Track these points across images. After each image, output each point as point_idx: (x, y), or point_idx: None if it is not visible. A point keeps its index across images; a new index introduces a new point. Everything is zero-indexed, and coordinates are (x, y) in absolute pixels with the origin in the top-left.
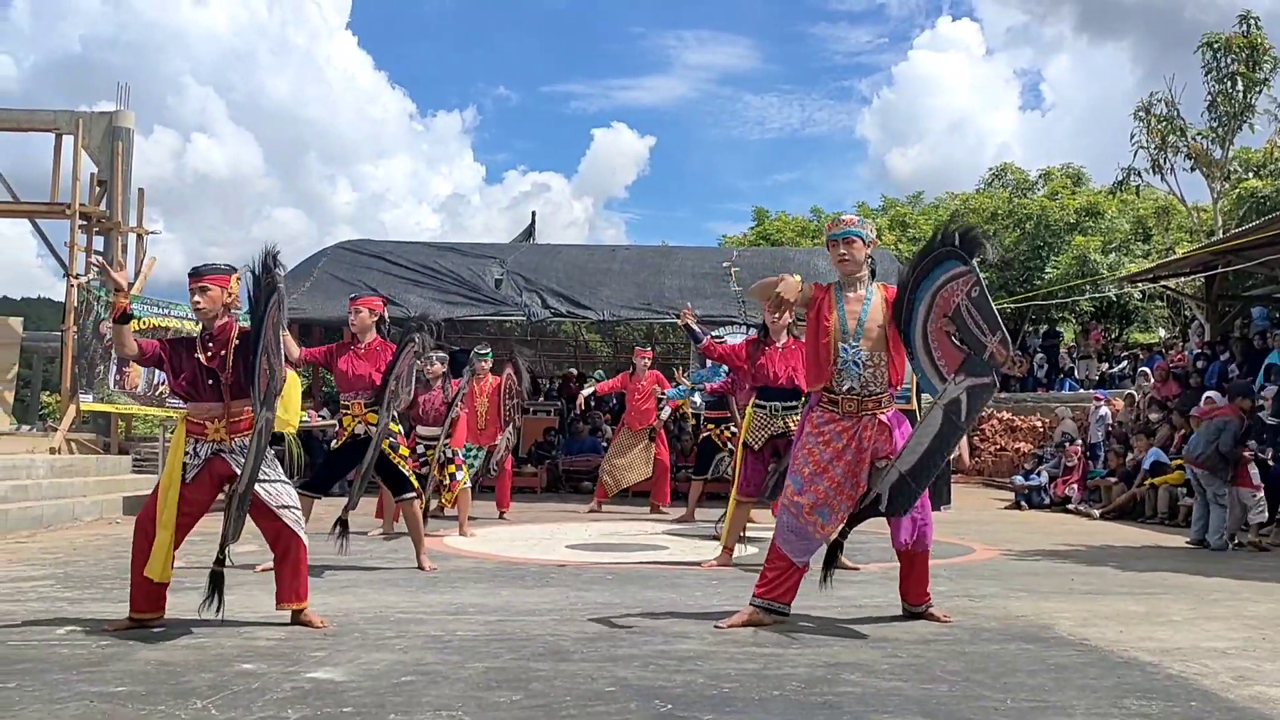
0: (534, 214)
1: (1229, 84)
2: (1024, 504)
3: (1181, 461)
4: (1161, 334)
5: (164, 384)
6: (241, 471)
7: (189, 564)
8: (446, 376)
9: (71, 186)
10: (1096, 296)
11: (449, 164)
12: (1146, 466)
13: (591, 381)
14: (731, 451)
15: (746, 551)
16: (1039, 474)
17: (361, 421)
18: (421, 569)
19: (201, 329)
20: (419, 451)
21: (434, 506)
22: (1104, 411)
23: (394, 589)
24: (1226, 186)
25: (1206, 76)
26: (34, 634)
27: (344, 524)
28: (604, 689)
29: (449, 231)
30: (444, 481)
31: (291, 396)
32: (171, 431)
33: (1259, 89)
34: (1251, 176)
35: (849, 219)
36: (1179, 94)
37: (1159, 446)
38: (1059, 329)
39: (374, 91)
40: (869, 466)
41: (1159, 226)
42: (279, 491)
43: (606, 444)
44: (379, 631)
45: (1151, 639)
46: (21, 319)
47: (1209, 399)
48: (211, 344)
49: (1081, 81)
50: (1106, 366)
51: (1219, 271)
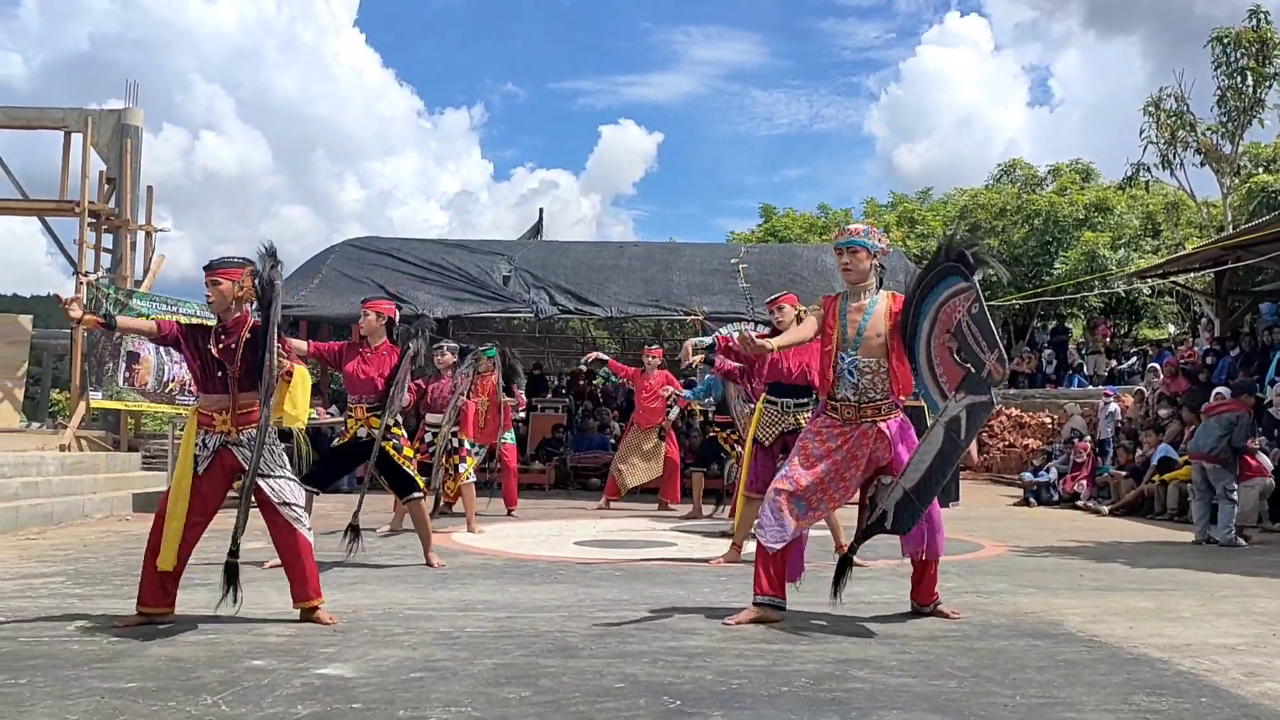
0: (541, 211)
1: (1239, 79)
2: (1033, 500)
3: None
4: (1171, 330)
5: (174, 381)
6: (247, 465)
7: (196, 560)
8: (457, 367)
9: (80, 184)
10: (1106, 292)
11: (457, 161)
12: (1155, 463)
13: (599, 381)
14: (739, 456)
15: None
16: (1048, 470)
17: (364, 425)
18: (430, 566)
19: (217, 320)
20: (427, 439)
21: (442, 503)
22: (1113, 408)
23: (403, 586)
24: (1236, 181)
25: (1216, 71)
26: (45, 630)
27: (355, 529)
28: (613, 685)
29: (457, 228)
30: (447, 469)
31: (300, 392)
32: (181, 429)
33: (1269, 84)
34: (1261, 171)
35: (855, 228)
36: (1189, 89)
37: (1168, 442)
38: (1068, 325)
39: (382, 88)
40: (863, 474)
41: (1168, 222)
42: (281, 488)
43: (615, 441)
44: (388, 628)
45: (1161, 635)
46: (31, 316)
47: (1219, 395)
48: (224, 336)
49: (1090, 77)
50: (1115, 363)
51: (1229, 267)
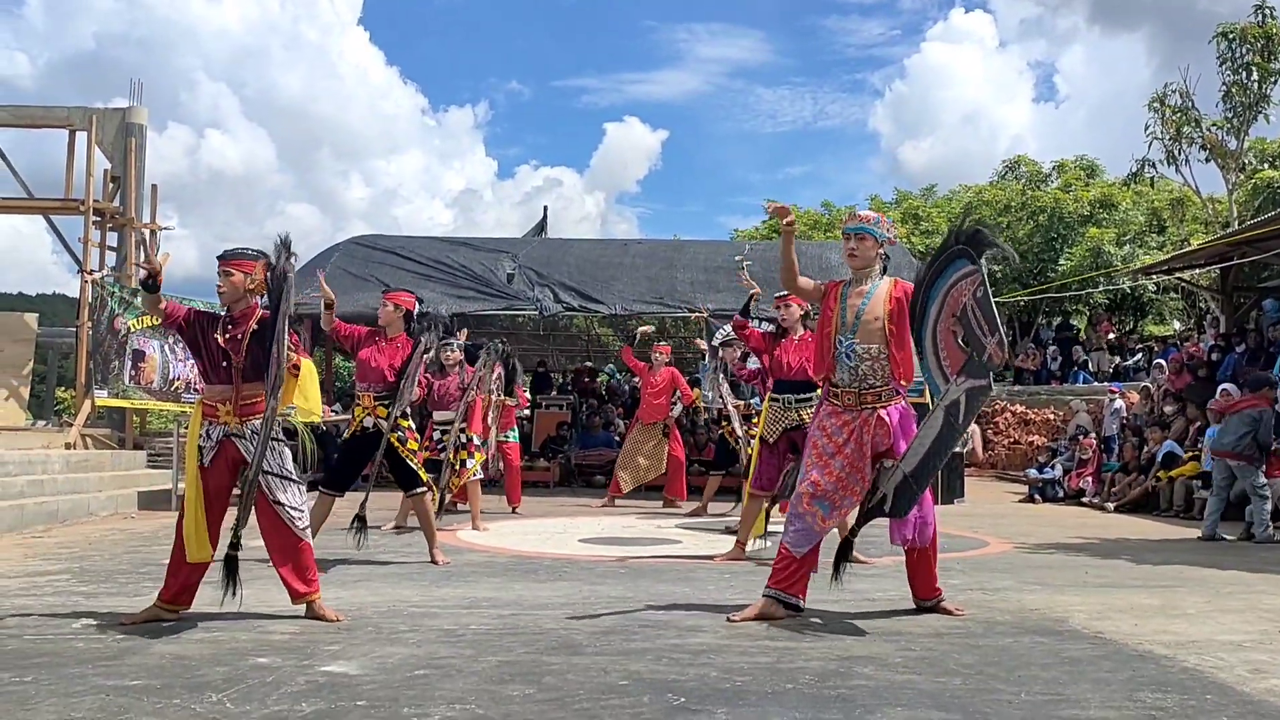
0: (546, 209)
1: (1244, 74)
2: (1038, 497)
3: (1195, 454)
4: (1176, 326)
5: (179, 379)
6: (251, 458)
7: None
8: (463, 364)
9: (85, 183)
10: (1111, 289)
11: (461, 159)
12: (1160, 459)
13: (605, 377)
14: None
15: (760, 545)
16: (1053, 467)
17: (371, 414)
18: (434, 563)
19: (225, 310)
20: (436, 437)
21: (447, 500)
22: (1119, 404)
23: (407, 583)
24: (1242, 177)
25: (1221, 67)
26: (50, 628)
27: (362, 520)
28: (617, 683)
29: (461, 226)
30: (455, 466)
31: (309, 386)
32: (186, 427)
33: (1274, 79)
34: (1267, 167)
35: (866, 215)
36: (1194, 85)
37: (1174, 439)
38: (1073, 322)
39: (386, 87)
40: (871, 461)
41: (1174, 218)
42: (279, 485)
43: (619, 438)
44: (392, 625)
45: (1166, 632)
46: (36, 315)
47: (1225, 392)
48: (231, 326)
49: (1095, 73)
50: (1120, 359)
51: (1234, 263)
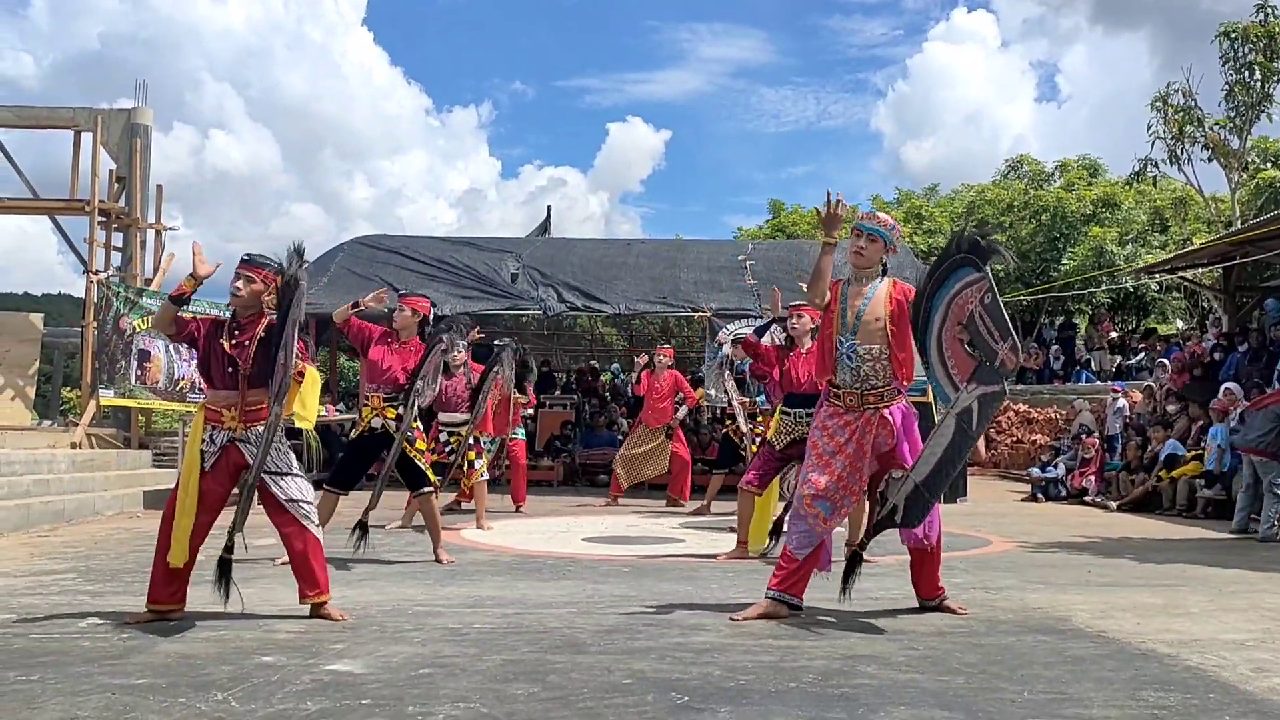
0: (549, 208)
1: (1247, 73)
2: (1040, 496)
3: (1197, 453)
4: (1179, 325)
5: (184, 379)
6: (254, 462)
7: (207, 556)
8: (468, 365)
9: (91, 183)
10: (1113, 288)
11: (465, 159)
12: (1164, 458)
13: (607, 376)
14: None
15: (770, 545)
16: (1056, 466)
17: (379, 415)
18: (439, 562)
19: (230, 315)
20: (442, 439)
21: (451, 500)
22: (1121, 403)
23: (412, 582)
24: (1244, 177)
25: (1224, 66)
26: (56, 627)
27: (364, 526)
28: (621, 681)
29: (465, 226)
30: (463, 467)
31: (310, 393)
32: (190, 426)
33: (1277, 78)
34: (1270, 166)
35: (883, 218)
36: (1196, 84)
37: (1177, 438)
38: (1075, 321)
39: (390, 87)
40: (870, 460)
41: (1176, 217)
42: (288, 485)
43: (622, 437)
44: (397, 624)
45: (1169, 631)
46: (42, 315)
47: (1228, 391)
48: (238, 332)
49: (1098, 73)
50: (1123, 358)
51: (1237, 262)
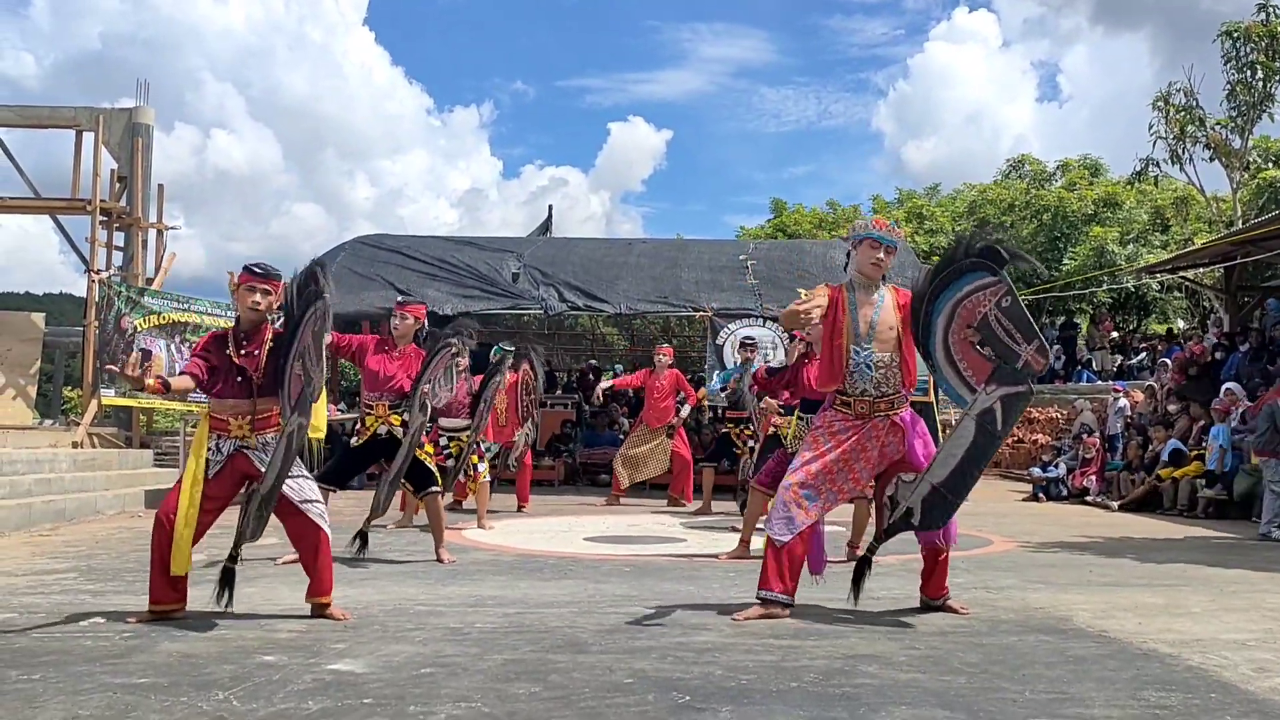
0: (551, 208)
1: (1248, 73)
2: (1042, 496)
3: (1199, 453)
4: (1180, 325)
5: None
6: (266, 471)
7: (210, 558)
8: (468, 370)
9: (92, 183)
10: (1115, 288)
11: (466, 159)
12: (1165, 458)
13: (608, 376)
14: (752, 450)
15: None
16: (1057, 466)
17: (384, 422)
18: (440, 561)
19: (235, 325)
20: (442, 444)
21: (449, 501)
22: (1123, 403)
23: (413, 581)
24: (1246, 176)
25: (1225, 66)
26: (57, 626)
27: (364, 536)
28: (622, 681)
29: (466, 226)
30: (467, 471)
31: (318, 406)
32: (193, 426)
33: (1278, 78)
34: (1271, 166)
35: (901, 233)
36: (1198, 83)
37: (1178, 438)
38: (1076, 321)
39: (391, 87)
40: (874, 468)
41: (1177, 217)
42: (301, 486)
43: (624, 437)
44: (399, 624)
45: (1170, 631)
46: (44, 314)
47: (1229, 391)
48: (246, 342)
49: (1099, 72)
50: (1124, 358)
51: (1238, 262)
